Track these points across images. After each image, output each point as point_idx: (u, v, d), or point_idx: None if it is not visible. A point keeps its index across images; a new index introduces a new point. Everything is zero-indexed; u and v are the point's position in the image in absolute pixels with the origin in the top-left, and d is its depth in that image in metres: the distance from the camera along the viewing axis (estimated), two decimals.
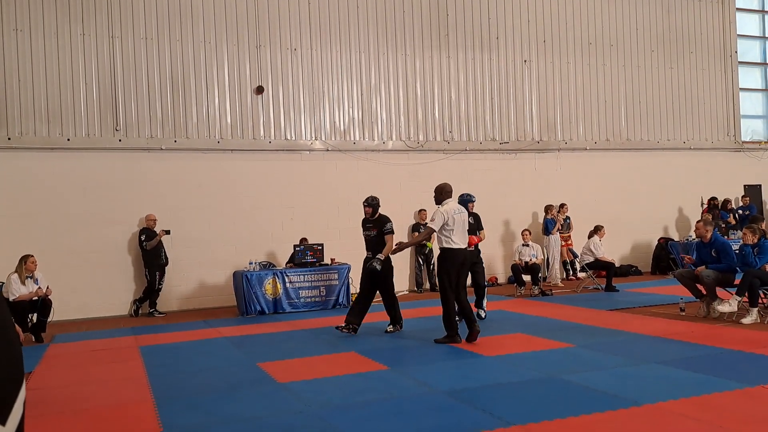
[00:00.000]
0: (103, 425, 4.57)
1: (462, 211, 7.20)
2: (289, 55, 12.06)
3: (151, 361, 6.84)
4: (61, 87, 10.70)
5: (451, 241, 6.96)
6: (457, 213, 7.07)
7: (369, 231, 8.03)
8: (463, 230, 7.10)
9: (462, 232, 7.08)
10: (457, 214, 7.07)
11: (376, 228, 7.93)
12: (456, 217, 7.01)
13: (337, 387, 5.39)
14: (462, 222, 7.09)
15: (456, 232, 6.98)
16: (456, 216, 7.02)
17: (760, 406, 4.33)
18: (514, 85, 13.76)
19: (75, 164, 10.73)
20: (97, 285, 10.75)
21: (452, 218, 6.96)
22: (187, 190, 11.34)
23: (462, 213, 7.16)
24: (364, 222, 8.16)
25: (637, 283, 12.50)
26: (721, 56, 15.77)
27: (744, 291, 7.59)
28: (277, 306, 10.28)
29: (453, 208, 7.11)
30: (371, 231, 7.98)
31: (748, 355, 5.91)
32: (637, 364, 5.73)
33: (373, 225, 8.00)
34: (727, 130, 15.79)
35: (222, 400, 5.08)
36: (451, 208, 7.07)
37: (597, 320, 8.20)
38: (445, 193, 7.19)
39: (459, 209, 7.18)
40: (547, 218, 12.84)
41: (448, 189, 7.22)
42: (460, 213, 7.12)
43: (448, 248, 7.00)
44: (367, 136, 12.60)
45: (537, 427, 4.06)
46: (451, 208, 7.08)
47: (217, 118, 11.57)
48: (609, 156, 14.50)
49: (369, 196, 8.18)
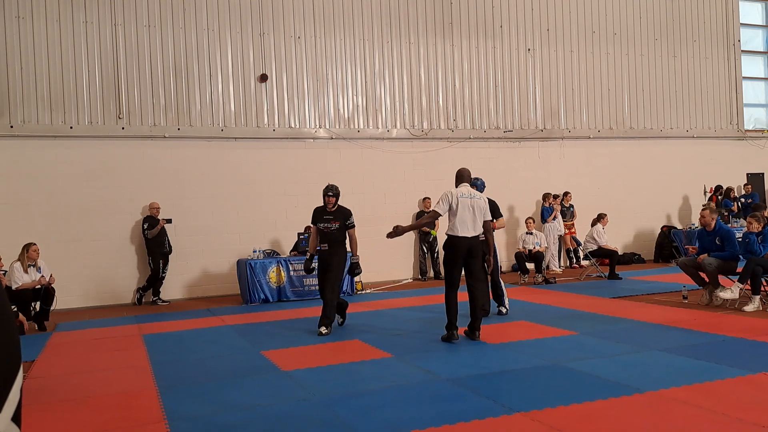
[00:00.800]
0: (106, 413, 4.60)
1: (473, 195, 6.52)
2: (293, 42, 12.01)
3: (154, 349, 6.87)
4: (63, 74, 10.68)
5: (454, 227, 6.39)
6: (464, 197, 6.45)
7: (329, 224, 7.30)
8: (470, 216, 6.41)
9: (468, 218, 6.40)
10: (465, 198, 6.44)
11: (338, 221, 7.29)
12: (462, 201, 6.41)
13: (341, 375, 5.41)
14: (470, 207, 6.42)
15: (460, 218, 6.36)
16: (462, 200, 6.41)
17: (761, 393, 4.34)
18: (518, 74, 13.70)
19: (78, 152, 10.73)
20: (100, 273, 10.78)
21: (457, 201, 6.39)
22: (190, 178, 11.35)
23: (473, 198, 6.49)
24: (322, 213, 7.38)
25: (639, 271, 12.50)
26: (724, 45, 15.67)
27: (746, 278, 7.59)
28: (281, 294, 10.31)
29: (461, 191, 6.52)
30: (332, 224, 7.29)
31: (750, 342, 5.92)
32: (640, 351, 5.74)
33: (334, 217, 7.32)
34: (729, 118, 15.72)
35: (225, 388, 5.11)
36: (458, 191, 6.50)
37: (600, 308, 8.21)
38: (458, 178, 6.72)
39: (470, 193, 6.53)
40: (544, 206, 12.83)
41: (462, 173, 6.74)
42: (469, 197, 6.47)
43: (449, 235, 6.45)
44: (371, 124, 12.57)
45: (541, 414, 4.07)
46: (458, 190, 6.52)
47: (220, 106, 11.55)
48: (612, 144, 14.47)
49: (332, 185, 7.44)
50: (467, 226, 6.40)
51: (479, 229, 6.51)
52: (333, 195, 7.33)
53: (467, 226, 6.40)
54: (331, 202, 7.33)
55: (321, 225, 7.33)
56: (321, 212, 7.38)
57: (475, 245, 6.45)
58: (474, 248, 6.45)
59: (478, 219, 6.48)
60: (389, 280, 12.35)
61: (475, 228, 6.46)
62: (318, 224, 7.35)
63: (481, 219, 6.51)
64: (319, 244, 7.37)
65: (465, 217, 6.38)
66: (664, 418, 3.93)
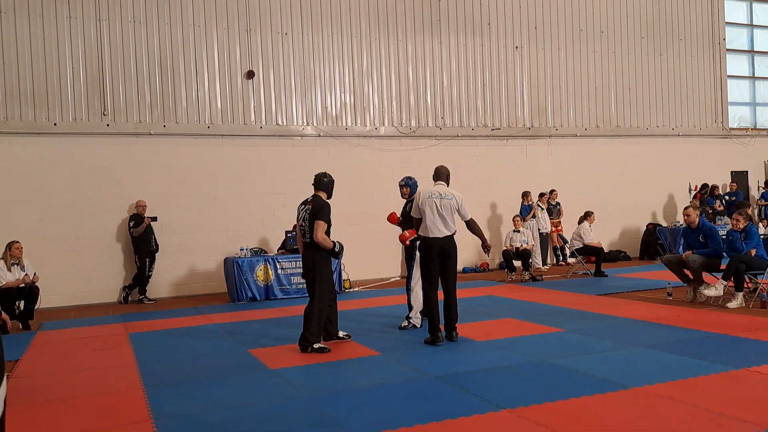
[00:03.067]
0: (91, 412, 4.57)
1: (444, 195, 6.42)
2: (280, 39, 11.96)
3: (140, 348, 6.83)
4: (47, 70, 10.57)
5: (425, 229, 6.36)
6: (432, 197, 6.37)
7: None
8: (438, 217, 6.32)
9: (436, 219, 6.31)
10: (433, 198, 6.37)
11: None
12: (429, 202, 6.35)
13: (329, 373, 5.41)
14: (437, 207, 6.34)
15: (428, 219, 6.32)
16: (429, 200, 6.35)
17: (744, 389, 4.39)
18: (506, 72, 13.75)
19: (62, 149, 10.63)
20: (85, 272, 10.69)
21: (424, 202, 6.36)
22: (176, 175, 11.28)
23: (442, 198, 6.39)
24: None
25: (625, 268, 12.60)
26: (710, 43, 15.82)
27: (730, 276, 7.68)
28: (269, 292, 10.28)
29: (430, 191, 6.44)
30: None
31: (733, 338, 5.99)
32: (625, 348, 5.79)
33: None
34: (714, 116, 15.88)
35: (213, 387, 5.09)
36: (426, 192, 6.44)
37: (586, 305, 8.27)
38: (435, 176, 6.68)
39: (440, 193, 6.43)
40: (523, 205, 12.86)
41: (438, 171, 6.69)
42: (438, 197, 6.38)
43: (422, 237, 6.44)
44: (359, 122, 12.56)
45: (527, 410, 4.10)
46: (427, 191, 6.46)
47: (206, 103, 11.49)
48: (599, 142, 14.56)
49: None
50: (436, 226, 6.34)
51: (450, 229, 6.40)
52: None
53: (436, 226, 6.34)
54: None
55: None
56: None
57: (448, 245, 6.35)
58: (447, 248, 6.35)
59: (448, 219, 6.37)
60: (377, 278, 12.35)
61: (445, 228, 6.36)
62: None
63: (450, 218, 6.39)
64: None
65: (433, 218, 6.34)
66: (648, 413, 3.97)
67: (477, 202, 13.11)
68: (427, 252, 6.38)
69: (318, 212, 6.22)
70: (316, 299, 6.23)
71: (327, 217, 6.27)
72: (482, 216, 13.33)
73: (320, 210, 6.24)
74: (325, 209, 6.29)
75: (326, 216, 6.26)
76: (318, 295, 6.24)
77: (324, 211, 6.26)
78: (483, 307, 8.51)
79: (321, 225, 6.19)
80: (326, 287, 6.33)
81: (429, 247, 6.36)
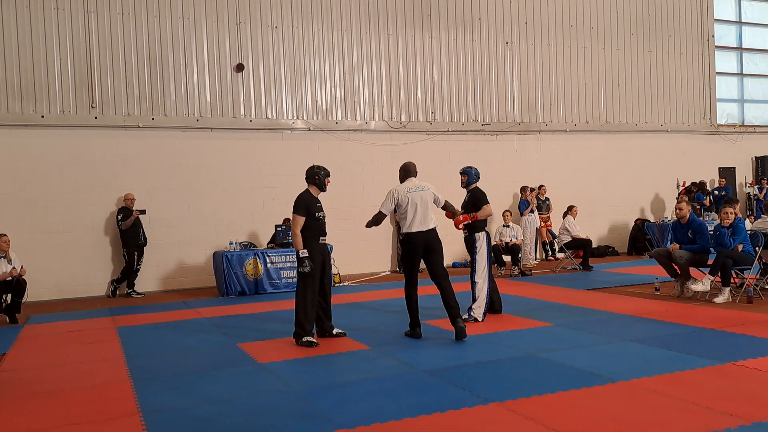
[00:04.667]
0: (79, 406, 4.54)
1: (421, 188, 6.31)
2: (270, 32, 11.90)
3: (128, 341, 6.80)
4: (34, 62, 10.45)
5: (407, 224, 6.24)
6: (411, 191, 6.26)
7: (322, 211, 6.45)
8: (420, 210, 6.20)
9: (418, 212, 6.19)
10: (412, 192, 6.25)
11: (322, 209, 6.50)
12: (410, 197, 6.23)
13: (318, 367, 5.41)
14: (418, 201, 6.21)
15: (410, 214, 6.19)
16: (410, 195, 6.23)
17: (730, 383, 4.44)
18: (496, 67, 13.76)
19: (49, 142, 10.53)
20: (73, 265, 10.62)
21: (405, 198, 6.22)
22: (165, 169, 11.21)
23: (421, 190, 6.29)
24: (314, 200, 6.38)
25: (613, 263, 12.68)
26: (699, 40, 15.91)
27: (717, 271, 7.74)
28: (258, 286, 10.26)
29: (406, 186, 6.32)
30: (323, 212, 6.46)
31: (720, 333, 6.05)
32: (613, 342, 5.83)
33: (321, 204, 6.48)
34: (703, 113, 15.99)
35: (201, 381, 5.07)
36: (404, 187, 6.33)
37: (575, 300, 8.31)
38: (404, 172, 6.48)
39: (417, 186, 6.32)
40: (522, 199, 12.92)
41: (407, 167, 6.50)
42: (417, 191, 6.27)
43: (405, 233, 6.30)
44: (349, 116, 12.53)
45: (515, 404, 4.12)
46: (404, 186, 6.34)
47: (196, 96, 11.41)
48: (588, 138, 14.62)
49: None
50: (418, 220, 6.24)
51: (433, 222, 6.34)
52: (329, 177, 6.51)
53: (418, 220, 6.24)
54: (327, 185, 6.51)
55: (319, 214, 6.35)
56: (313, 199, 6.34)
57: (432, 239, 6.29)
58: (431, 242, 6.28)
59: (429, 211, 6.31)
60: (367, 272, 12.36)
61: (427, 221, 6.28)
62: (316, 213, 6.31)
63: (431, 211, 6.33)
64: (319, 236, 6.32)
65: (415, 212, 6.23)
66: (635, 407, 4.01)
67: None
68: (411, 248, 6.31)
69: (293, 206, 6.26)
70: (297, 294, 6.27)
71: (299, 210, 6.20)
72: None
73: (294, 204, 6.26)
74: (296, 202, 6.26)
75: (297, 209, 6.21)
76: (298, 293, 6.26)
77: (295, 205, 6.25)
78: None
79: (294, 218, 6.23)
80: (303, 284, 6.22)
81: (413, 241, 6.27)
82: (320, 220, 6.35)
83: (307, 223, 6.20)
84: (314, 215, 6.26)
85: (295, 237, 6.16)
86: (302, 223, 6.18)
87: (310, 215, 6.22)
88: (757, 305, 7.39)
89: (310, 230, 6.23)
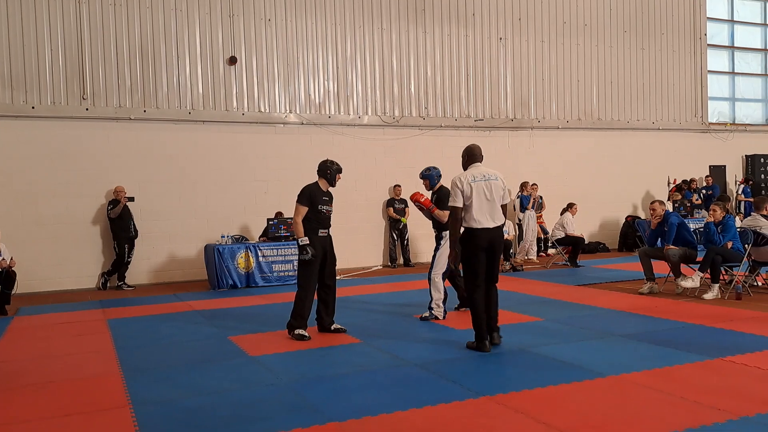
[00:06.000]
0: (69, 398, 4.52)
1: (489, 176, 5.46)
2: (263, 25, 11.85)
3: (119, 334, 6.77)
4: (25, 52, 10.36)
5: (471, 218, 5.35)
6: (477, 180, 5.40)
7: (329, 206, 6.41)
8: (487, 203, 5.38)
9: (485, 205, 5.37)
10: (479, 181, 5.40)
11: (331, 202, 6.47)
12: (476, 186, 5.38)
13: (309, 360, 5.41)
14: (486, 191, 5.39)
15: (476, 207, 5.33)
16: (476, 184, 5.38)
17: (718, 378, 4.48)
18: (489, 63, 13.77)
19: (40, 133, 10.45)
20: (63, 257, 10.56)
21: (470, 187, 5.36)
22: (157, 161, 11.16)
23: (488, 179, 5.44)
24: (320, 193, 6.33)
25: (604, 259, 12.75)
26: (691, 38, 15.98)
27: (706, 267, 7.80)
28: (250, 280, 10.24)
29: (472, 174, 5.46)
30: (330, 206, 6.42)
31: (709, 329, 6.10)
32: (603, 337, 5.87)
33: (329, 198, 6.45)
34: (694, 111, 16.07)
35: (192, 373, 5.07)
36: (468, 174, 5.45)
37: (565, 295, 8.35)
38: (468, 156, 5.67)
39: (485, 174, 5.47)
40: (522, 195, 12.95)
41: (473, 150, 5.68)
42: (483, 179, 5.42)
43: (466, 228, 5.40)
44: (342, 110, 12.51)
45: (505, 397, 4.14)
46: (469, 174, 5.47)
47: (188, 88, 11.36)
48: (580, 135, 14.67)
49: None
50: (486, 215, 5.36)
51: (501, 218, 5.48)
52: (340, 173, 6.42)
53: (486, 215, 5.36)
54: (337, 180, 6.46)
55: (323, 207, 6.28)
56: (319, 192, 6.30)
57: (498, 238, 5.45)
58: (496, 242, 5.43)
59: (497, 204, 5.44)
60: (359, 267, 12.36)
61: (496, 217, 5.43)
62: (320, 206, 6.25)
63: (499, 204, 5.47)
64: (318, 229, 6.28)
65: (482, 205, 5.36)
66: (625, 401, 4.04)
67: None
68: (474, 247, 5.36)
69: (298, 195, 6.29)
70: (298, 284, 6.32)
71: (302, 200, 6.22)
72: None
73: (299, 193, 6.29)
74: (301, 192, 6.28)
75: (301, 199, 6.23)
76: (298, 283, 6.32)
77: (300, 194, 6.28)
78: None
79: (296, 207, 6.23)
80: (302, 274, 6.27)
81: (477, 239, 5.34)
82: (323, 213, 6.31)
83: (308, 215, 6.19)
84: (317, 207, 6.24)
85: (295, 225, 6.19)
86: (303, 213, 6.17)
87: (312, 206, 6.21)
88: (745, 302, 7.46)
89: (309, 222, 6.20)
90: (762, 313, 6.79)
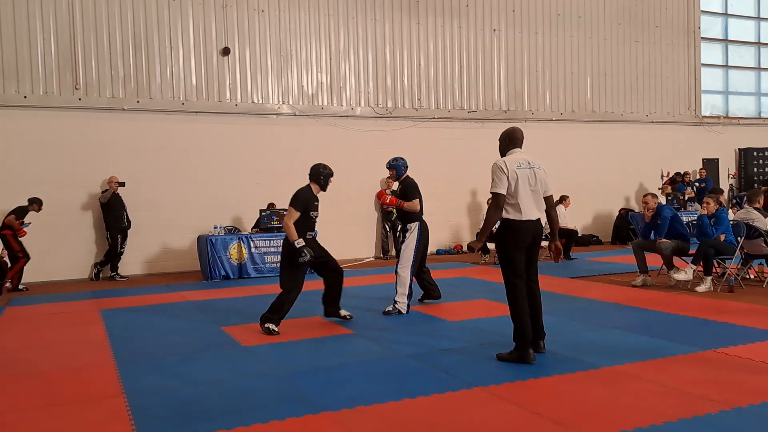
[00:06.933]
0: (62, 387, 4.51)
1: (533, 164, 4.89)
2: (256, 15, 11.77)
3: (112, 324, 6.75)
4: (17, 42, 10.26)
5: (515, 208, 4.77)
6: (522, 167, 4.80)
7: (317, 211, 6.39)
8: (532, 193, 4.82)
9: (530, 195, 4.80)
10: (524, 168, 4.81)
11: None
12: (521, 174, 4.77)
13: (302, 351, 5.41)
14: (531, 180, 4.81)
15: (521, 196, 4.75)
16: (521, 171, 4.78)
17: (710, 369, 4.50)
18: (483, 54, 13.74)
19: (32, 123, 10.37)
20: (55, 248, 10.51)
21: (515, 174, 4.75)
22: (149, 152, 11.10)
23: (533, 167, 4.87)
24: (313, 199, 6.29)
25: (597, 252, 12.79)
26: (685, 32, 16.00)
27: (699, 260, 7.84)
28: (242, 271, 10.23)
29: (515, 159, 4.84)
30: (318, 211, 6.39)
31: (701, 321, 6.13)
32: (596, 329, 5.89)
33: (318, 203, 6.39)
34: (688, 104, 16.11)
35: (185, 363, 5.06)
36: (512, 161, 4.83)
37: (558, 287, 8.38)
38: (508, 141, 5.04)
39: (528, 162, 4.88)
40: None
41: (514, 134, 5.05)
42: (528, 167, 4.84)
43: (507, 219, 4.81)
44: (335, 101, 12.47)
45: (499, 388, 4.16)
46: (512, 159, 4.85)
47: (181, 79, 11.28)
48: (574, 127, 14.68)
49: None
50: (531, 205, 4.82)
51: (543, 211, 4.97)
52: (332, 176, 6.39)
53: (531, 205, 4.82)
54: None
55: (313, 213, 6.27)
56: (312, 198, 6.26)
57: (540, 232, 4.97)
58: (539, 236, 4.95)
59: (541, 196, 4.92)
60: (351, 258, 12.36)
61: (540, 207, 4.92)
62: (311, 212, 6.23)
63: (542, 195, 4.93)
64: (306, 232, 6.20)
65: (526, 195, 4.78)
66: (617, 391, 4.06)
67: (452, 184, 13.17)
68: (518, 241, 4.80)
69: (292, 198, 6.19)
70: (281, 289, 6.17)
71: (297, 206, 6.11)
72: (458, 198, 13.40)
73: (293, 197, 6.20)
74: (295, 197, 6.18)
75: (295, 204, 6.12)
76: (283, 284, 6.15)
77: (293, 198, 6.18)
78: (457, 288, 8.58)
79: (290, 211, 6.13)
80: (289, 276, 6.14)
81: (520, 232, 4.78)
82: (311, 219, 6.26)
83: (298, 219, 6.11)
84: (308, 213, 6.19)
85: (288, 229, 6.07)
86: (296, 218, 6.08)
87: (305, 213, 6.15)
88: (737, 294, 7.51)
89: (299, 226, 6.09)
90: (754, 305, 6.83)
